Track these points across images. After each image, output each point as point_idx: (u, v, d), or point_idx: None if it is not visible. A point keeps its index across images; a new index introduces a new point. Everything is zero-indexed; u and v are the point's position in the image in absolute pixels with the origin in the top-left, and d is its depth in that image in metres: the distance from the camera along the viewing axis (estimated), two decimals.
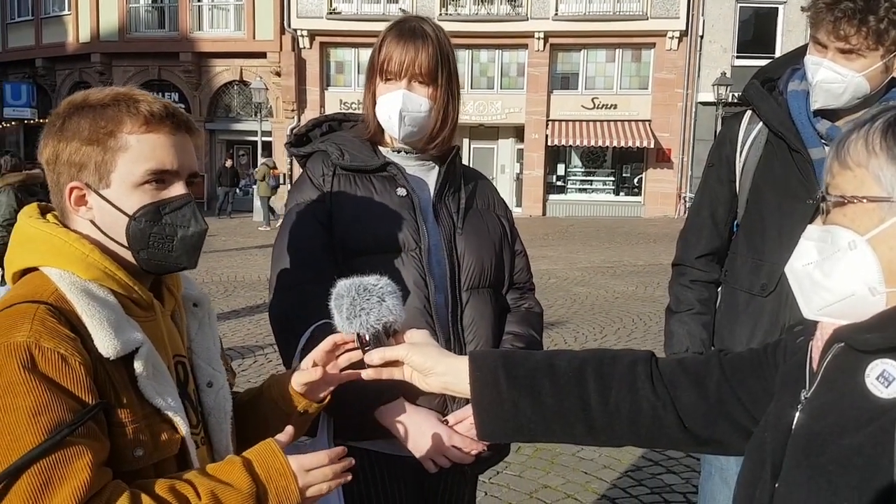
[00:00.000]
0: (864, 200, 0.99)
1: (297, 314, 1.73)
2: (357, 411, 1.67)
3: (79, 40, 26.56)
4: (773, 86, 2.21)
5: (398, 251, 1.80)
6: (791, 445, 1.03)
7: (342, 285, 1.38)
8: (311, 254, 1.80)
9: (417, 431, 1.69)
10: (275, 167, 21.02)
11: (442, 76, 1.83)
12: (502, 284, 1.98)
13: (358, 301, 1.35)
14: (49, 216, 1.30)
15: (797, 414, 1.05)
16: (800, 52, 2.14)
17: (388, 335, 1.36)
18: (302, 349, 1.70)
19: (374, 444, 1.78)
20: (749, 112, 2.26)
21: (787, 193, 2.10)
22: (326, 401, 1.53)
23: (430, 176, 1.92)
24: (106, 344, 1.15)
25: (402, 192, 1.84)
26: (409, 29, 1.82)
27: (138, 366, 1.19)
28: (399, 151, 1.90)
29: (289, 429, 1.30)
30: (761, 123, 2.20)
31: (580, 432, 1.28)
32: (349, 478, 1.28)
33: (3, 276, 4.61)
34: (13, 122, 28.11)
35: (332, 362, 1.46)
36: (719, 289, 2.34)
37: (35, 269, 1.24)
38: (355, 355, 1.42)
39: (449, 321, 1.82)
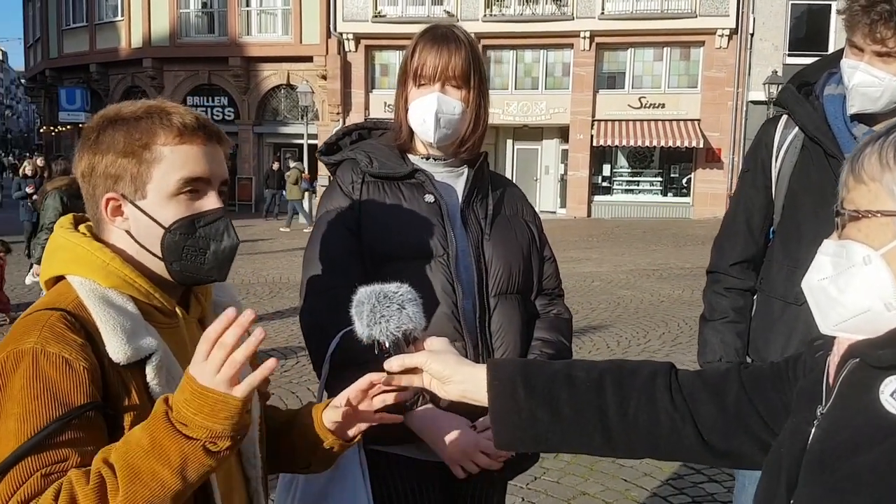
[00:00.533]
0: (879, 215, 0.97)
1: (328, 319, 1.76)
2: None
3: (131, 45, 27.19)
4: (809, 90, 2.17)
5: (426, 257, 1.82)
6: (806, 461, 1.02)
7: (363, 292, 1.38)
8: (341, 260, 1.83)
9: (446, 437, 1.70)
10: (305, 171, 21.20)
11: (474, 79, 1.85)
12: (531, 290, 1.98)
13: (378, 308, 1.35)
14: (81, 227, 1.34)
15: (813, 430, 1.04)
16: (836, 56, 2.10)
17: (407, 343, 1.36)
18: (331, 354, 1.74)
19: (403, 449, 1.81)
20: (785, 116, 2.22)
21: (823, 199, 2.06)
22: (356, 440, 1.49)
23: (458, 182, 1.94)
24: (117, 349, 1.18)
25: (430, 198, 1.86)
26: (441, 34, 1.85)
27: (149, 372, 1.22)
28: (428, 158, 1.92)
29: (248, 312, 1.09)
30: (797, 128, 2.16)
31: (598, 443, 1.28)
32: (262, 336, 1.08)
33: None
34: (68, 126, 28.96)
35: (366, 400, 1.42)
36: (754, 297, 2.31)
37: (63, 277, 1.28)
38: (390, 397, 1.41)
39: (477, 327, 1.83)
